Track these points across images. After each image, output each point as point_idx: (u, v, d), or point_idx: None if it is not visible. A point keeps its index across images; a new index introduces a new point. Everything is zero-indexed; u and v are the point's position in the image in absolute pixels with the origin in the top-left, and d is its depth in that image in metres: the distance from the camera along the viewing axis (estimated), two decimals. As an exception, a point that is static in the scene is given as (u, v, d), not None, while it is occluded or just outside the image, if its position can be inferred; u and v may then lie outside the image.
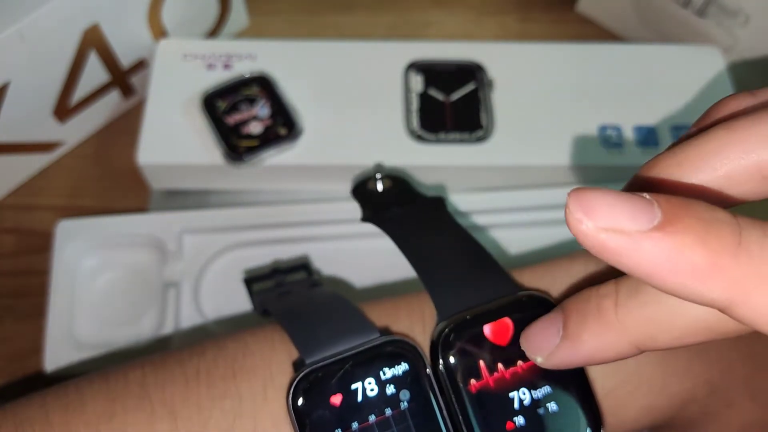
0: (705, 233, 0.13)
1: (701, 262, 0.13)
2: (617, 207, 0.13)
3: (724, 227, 0.13)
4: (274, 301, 0.27)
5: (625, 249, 0.13)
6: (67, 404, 0.22)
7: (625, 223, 0.13)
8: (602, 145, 0.35)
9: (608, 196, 0.14)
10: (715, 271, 0.13)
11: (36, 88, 0.34)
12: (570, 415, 0.21)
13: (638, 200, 0.13)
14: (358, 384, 0.21)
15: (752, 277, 0.13)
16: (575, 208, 0.14)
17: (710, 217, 0.13)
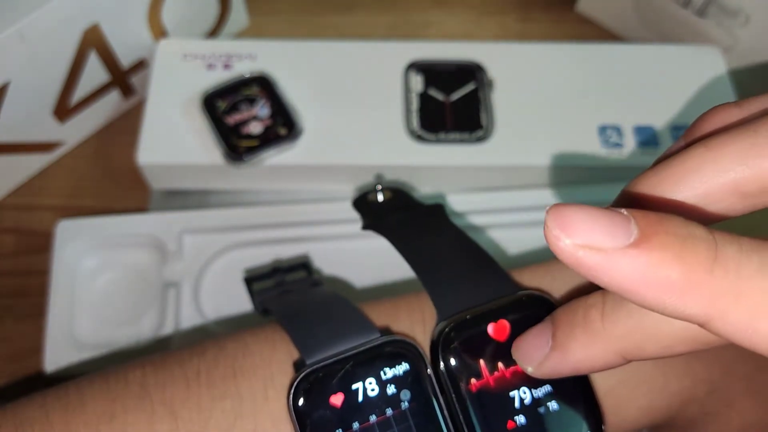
0: (681, 249, 0.13)
1: (677, 278, 0.13)
2: (594, 224, 0.14)
3: (699, 243, 0.14)
4: (275, 301, 0.27)
5: (602, 266, 0.14)
6: (67, 404, 0.22)
7: (602, 240, 0.13)
8: (602, 145, 0.35)
9: (585, 213, 0.14)
10: (691, 287, 0.13)
11: (36, 88, 0.34)
12: (571, 413, 0.21)
13: (615, 216, 0.14)
14: (358, 384, 0.21)
15: (728, 293, 0.13)
16: (553, 225, 0.14)
17: (686, 233, 0.14)
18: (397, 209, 0.29)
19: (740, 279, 0.13)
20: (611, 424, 0.22)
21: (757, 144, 0.15)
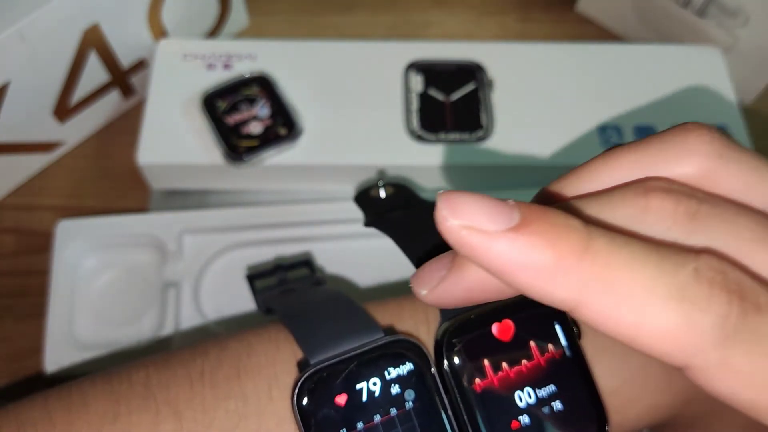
0: (555, 237, 0.14)
1: (548, 263, 0.14)
2: (479, 208, 0.15)
3: (573, 233, 0.14)
4: (278, 300, 0.27)
5: (481, 246, 0.15)
6: (70, 405, 0.22)
7: (484, 223, 0.14)
8: (602, 145, 0.35)
9: (472, 198, 0.15)
10: (561, 272, 0.14)
11: (36, 88, 0.34)
12: (575, 413, 0.21)
13: (500, 204, 0.15)
14: (362, 384, 0.21)
15: (596, 281, 0.14)
16: (442, 207, 0.15)
17: (563, 223, 0.15)
18: (399, 206, 0.29)
19: (608, 269, 0.14)
20: (615, 423, 0.22)
21: (647, 155, 0.17)
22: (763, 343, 0.14)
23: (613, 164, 0.17)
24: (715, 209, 0.16)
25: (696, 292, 0.14)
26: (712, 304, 0.14)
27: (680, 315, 0.14)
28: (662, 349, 0.15)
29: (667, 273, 0.14)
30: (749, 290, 0.15)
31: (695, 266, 0.15)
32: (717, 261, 0.15)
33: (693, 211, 0.16)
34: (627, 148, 0.17)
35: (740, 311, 0.14)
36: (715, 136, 0.17)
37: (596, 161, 0.18)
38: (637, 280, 0.14)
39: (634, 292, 0.14)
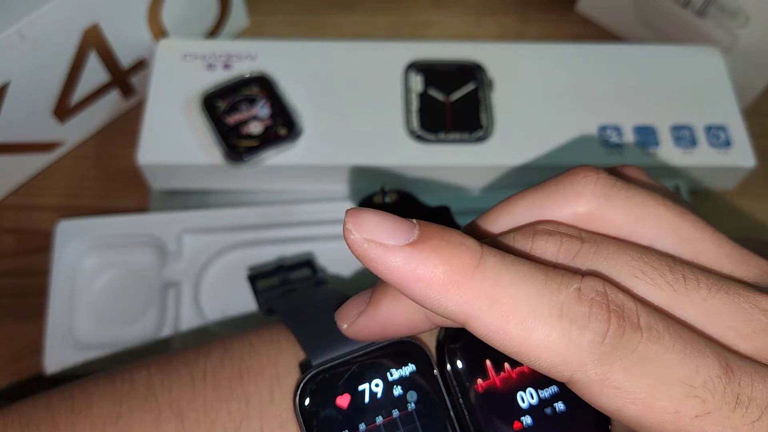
0: (449, 254, 0.16)
1: (441, 277, 0.16)
2: (381, 224, 0.16)
3: (466, 251, 0.16)
4: (279, 300, 0.27)
5: (381, 258, 0.16)
6: (73, 405, 0.22)
7: (384, 238, 0.16)
8: (602, 145, 0.35)
9: (376, 216, 0.16)
10: (452, 286, 0.16)
11: (36, 88, 0.34)
12: (577, 414, 0.21)
13: (401, 221, 0.16)
14: (365, 385, 0.21)
15: (485, 297, 0.15)
16: (348, 221, 0.16)
17: (458, 242, 0.16)
18: (402, 212, 0.30)
19: (496, 286, 0.16)
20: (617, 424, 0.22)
21: (540, 199, 0.19)
22: (641, 363, 0.15)
23: (511, 209, 0.19)
24: (595, 247, 0.17)
25: (576, 311, 0.15)
26: (591, 322, 0.15)
27: (561, 331, 0.15)
28: (546, 363, 0.16)
29: (552, 291, 0.16)
30: (629, 311, 0.16)
31: (578, 286, 0.16)
32: (600, 283, 0.16)
33: (575, 250, 0.17)
34: (523, 193, 0.20)
35: (617, 329, 0.15)
36: (601, 177, 0.19)
37: (497, 207, 0.20)
38: (523, 296, 0.16)
39: (520, 308, 0.15)
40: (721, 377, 0.15)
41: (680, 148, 0.35)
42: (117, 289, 0.33)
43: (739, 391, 0.15)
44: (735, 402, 0.15)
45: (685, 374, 0.15)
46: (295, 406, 0.21)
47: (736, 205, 0.37)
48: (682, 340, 0.16)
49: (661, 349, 0.15)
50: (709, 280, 0.17)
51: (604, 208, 0.19)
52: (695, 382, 0.15)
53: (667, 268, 0.17)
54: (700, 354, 0.16)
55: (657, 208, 0.19)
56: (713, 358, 0.16)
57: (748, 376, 0.15)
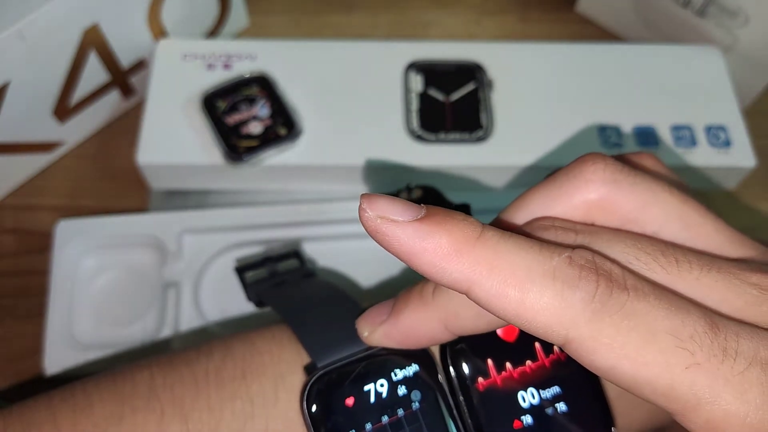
0: (452, 226, 0.17)
1: (445, 246, 0.17)
2: (393, 204, 0.17)
3: (469, 225, 0.17)
4: (273, 294, 0.27)
5: (393, 232, 0.17)
6: (75, 406, 0.22)
7: (396, 214, 0.17)
8: (602, 145, 0.35)
9: (388, 198, 0.18)
10: (455, 255, 0.17)
11: (36, 88, 0.34)
12: (580, 416, 0.21)
13: (411, 204, 0.18)
14: (370, 385, 0.21)
15: (484, 263, 0.17)
16: (363, 201, 0.18)
17: (461, 218, 0.17)
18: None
19: (496, 254, 0.17)
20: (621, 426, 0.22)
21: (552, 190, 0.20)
22: (629, 318, 0.16)
23: (527, 204, 0.20)
24: (589, 237, 0.19)
25: (567, 273, 0.17)
26: (581, 282, 0.16)
27: (554, 291, 0.16)
28: (542, 323, 0.17)
29: (545, 257, 0.17)
30: (617, 275, 0.17)
31: (569, 254, 0.17)
32: (589, 253, 0.17)
33: (570, 240, 0.18)
34: (536, 187, 0.21)
35: (606, 289, 0.16)
36: (609, 164, 0.20)
37: (513, 204, 0.21)
38: (519, 262, 0.17)
39: (517, 272, 0.17)
40: (707, 332, 0.16)
41: (680, 148, 0.35)
42: (117, 289, 0.33)
43: (726, 345, 0.16)
44: (723, 354, 0.16)
45: (671, 327, 0.16)
46: (303, 408, 0.21)
47: (736, 205, 0.37)
48: (668, 299, 0.17)
49: (648, 306, 0.16)
50: (700, 261, 0.18)
51: (614, 194, 0.19)
52: (682, 335, 0.16)
53: (660, 253, 0.18)
54: (686, 311, 0.17)
55: (663, 195, 0.20)
56: (698, 315, 0.17)
57: (733, 331, 0.16)
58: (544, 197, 0.20)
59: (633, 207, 0.19)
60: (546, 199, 0.20)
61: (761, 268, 0.18)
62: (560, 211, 0.20)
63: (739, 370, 0.16)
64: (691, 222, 0.19)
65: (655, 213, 0.19)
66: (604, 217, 0.20)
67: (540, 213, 0.20)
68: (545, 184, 0.21)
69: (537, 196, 0.20)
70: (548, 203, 0.20)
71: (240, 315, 0.32)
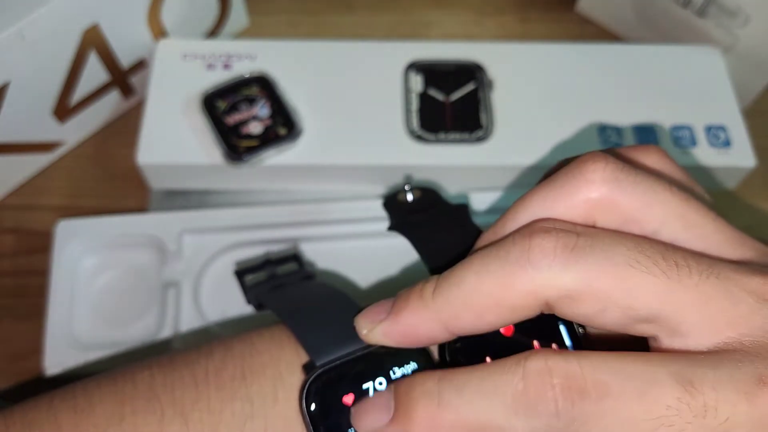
0: (414, 412, 0.18)
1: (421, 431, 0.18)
2: (369, 415, 0.19)
3: (426, 400, 0.18)
4: (272, 296, 0.27)
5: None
6: (75, 406, 0.22)
7: (375, 424, 0.19)
8: (602, 145, 0.35)
9: (363, 408, 0.20)
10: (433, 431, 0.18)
11: (36, 88, 0.34)
12: None
13: (381, 401, 0.19)
14: (369, 384, 0.21)
15: (455, 425, 0.18)
16: (352, 421, 0.20)
17: (418, 395, 0.19)
18: (422, 210, 0.30)
19: (460, 416, 0.18)
20: None
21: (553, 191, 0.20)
22: (600, 420, 0.17)
23: (528, 205, 0.21)
24: (591, 240, 0.18)
25: (524, 403, 0.17)
26: (540, 408, 0.17)
27: (523, 426, 0.17)
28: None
29: (500, 395, 0.18)
30: (573, 378, 0.17)
31: (521, 376, 0.17)
32: (541, 361, 0.17)
33: (571, 245, 0.18)
34: (537, 188, 0.21)
35: (565, 404, 0.17)
36: (609, 162, 0.20)
37: (514, 205, 0.21)
38: (481, 412, 0.18)
39: (484, 423, 0.18)
40: (681, 397, 0.16)
41: (680, 148, 0.35)
42: (117, 289, 0.33)
43: (705, 400, 0.16)
44: (704, 411, 0.16)
45: (645, 411, 0.16)
46: (301, 407, 0.21)
47: (736, 205, 0.37)
48: (632, 379, 0.17)
49: (614, 400, 0.17)
50: (700, 265, 0.18)
51: (615, 193, 0.19)
52: (657, 413, 0.16)
53: (660, 256, 0.18)
54: (655, 384, 0.17)
55: (664, 194, 0.20)
56: (670, 382, 0.17)
57: (709, 382, 0.17)
58: (545, 198, 0.20)
59: (634, 206, 0.19)
60: (547, 199, 0.20)
61: (761, 270, 0.18)
62: (561, 212, 0.20)
63: (723, 419, 0.16)
64: (692, 222, 0.20)
65: (655, 212, 0.19)
66: (605, 216, 0.20)
67: (541, 213, 0.20)
68: (546, 185, 0.20)
69: (538, 197, 0.20)
70: (549, 204, 0.20)
71: (240, 315, 0.32)
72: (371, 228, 0.33)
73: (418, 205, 0.30)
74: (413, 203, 0.30)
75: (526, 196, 0.21)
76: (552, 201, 0.20)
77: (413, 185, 0.31)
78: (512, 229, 0.21)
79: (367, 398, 0.20)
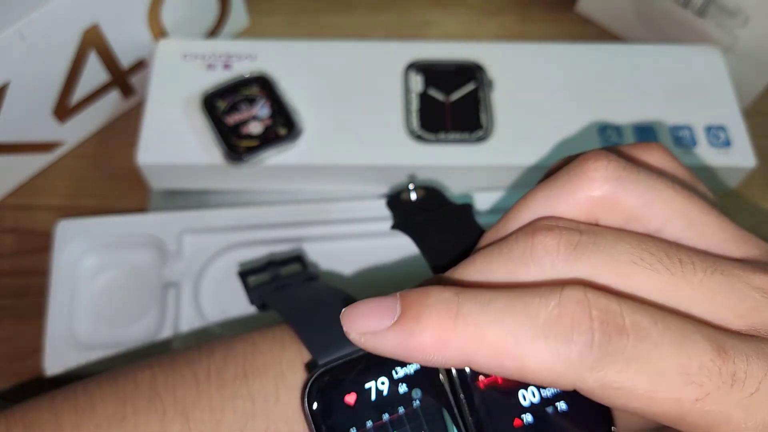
0: (427, 317, 0.17)
1: (429, 340, 0.17)
2: (368, 314, 0.18)
3: (443, 307, 0.17)
4: (274, 296, 0.27)
5: (378, 344, 0.18)
6: (77, 406, 0.22)
7: (374, 325, 0.18)
8: (602, 145, 0.35)
9: (361, 308, 0.18)
10: (441, 344, 0.17)
11: (36, 88, 0.34)
12: (580, 415, 0.21)
13: (384, 302, 0.18)
14: (371, 383, 0.21)
15: (471, 342, 0.17)
16: (343, 323, 0.18)
17: (434, 301, 0.17)
18: (425, 209, 0.30)
19: (479, 329, 0.17)
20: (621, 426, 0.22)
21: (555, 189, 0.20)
22: (634, 362, 0.16)
23: (530, 204, 0.20)
24: (594, 237, 0.18)
25: (558, 329, 0.16)
26: (575, 335, 0.16)
27: (549, 351, 0.16)
28: (546, 380, 0.17)
29: (531, 317, 0.17)
30: (613, 313, 0.16)
31: (557, 302, 0.17)
32: (581, 291, 0.17)
33: (574, 242, 0.18)
34: (539, 186, 0.21)
35: (602, 337, 0.16)
36: (611, 160, 0.19)
37: (517, 204, 0.21)
38: (505, 332, 0.17)
39: (506, 341, 0.17)
40: (714, 360, 0.16)
41: (680, 148, 0.35)
42: (117, 289, 0.33)
43: (735, 369, 0.16)
44: (732, 379, 0.16)
45: (679, 364, 0.16)
46: (303, 405, 0.21)
47: (736, 205, 0.37)
48: (671, 331, 0.16)
49: (651, 345, 0.16)
50: (704, 262, 0.18)
51: (617, 191, 0.19)
52: (690, 370, 0.16)
53: (664, 254, 0.18)
54: (691, 342, 0.16)
55: (666, 192, 0.19)
56: (705, 343, 0.16)
57: (741, 353, 0.16)
58: (547, 196, 0.20)
59: (636, 204, 0.19)
60: (549, 198, 0.20)
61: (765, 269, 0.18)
62: (564, 210, 0.20)
63: (749, 392, 0.16)
64: (695, 219, 0.19)
65: (658, 210, 0.19)
66: (608, 214, 0.20)
67: (544, 212, 0.20)
68: (548, 183, 0.20)
69: (540, 196, 0.20)
70: (551, 202, 0.20)
71: (240, 315, 0.32)
72: (371, 228, 0.33)
73: (422, 204, 0.30)
74: (417, 202, 0.30)
75: (529, 194, 0.21)
76: (554, 199, 0.20)
77: (417, 184, 0.31)
78: (515, 228, 0.20)
79: (366, 300, 0.18)
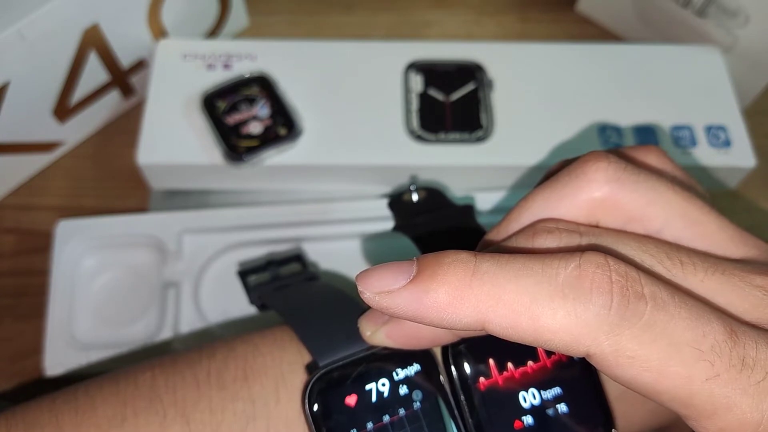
0: (443, 274, 0.17)
1: (444, 297, 0.17)
2: (384, 274, 0.17)
3: (460, 266, 0.17)
4: (275, 297, 0.27)
5: (392, 303, 0.17)
6: (77, 407, 0.22)
7: (388, 284, 0.17)
8: (602, 145, 0.35)
9: (378, 270, 0.17)
10: (457, 301, 0.17)
11: (36, 88, 0.34)
12: (581, 416, 0.21)
13: (402, 264, 0.17)
14: (372, 385, 0.21)
15: (488, 300, 0.16)
16: (358, 284, 0.17)
17: (451, 261, 0.17)
18: (427, 210, 0.30)
19: (496, 287, 0.16)
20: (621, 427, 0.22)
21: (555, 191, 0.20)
22: (650, 330, 0.16)
23: (530, 205, 0.20)
24: (594, 239, 0.18)
25: (577, 288, 0.16)
26: (593, 296, 0.16)
27: (566, 311, 0.16)
28: (560, 343, 0.16)
29: (549, 276, 0.16)
30: (633, 279, 0.16)
31: (578, 263, 0.16)
32: (602, 256, 0.17)
33: (575, 243, 0.18)
34: (540, 188, 0.20)
35: (621, 301, 0.16)
36: (612, 162, 0.20)
37: (517, 206, 0.21)
38: (522, 289, 0.16)
39: (523, 300, 0.16)
40: (726, 341, 0.16)
41: (680, 148, 0.35)
42: (117, 289, 0.33)
43: (744, 354, 0.16)
44: (741, 364, 0.16)
45: (693, 339, 0.16)
46: (304, 407, 0.21)
47: (736, 205, 0.37)
48: (687, 307, 0.16)
49: (668, 317, 0.16)
50: (705, 263, 0.18)
51: (617, 192, 0.19)
52: (703, 347, 0.16)
53: (665, 255, 0.18)
54: (706, 320, 0.16)
55: (666, 193, 0.20)
56: (718, 324, 0.16)
57: (752, 339, 0.16)
58: (548, 198, 0.20)
59: (636, 205, 0.19)
60: (549, 199, 0.20)
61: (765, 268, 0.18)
62: (564, 212, 0.20)
63: (757, 380, 0.16)
64: (694, 220, 0.19)
65: (658, 211, 0.19)
66: (608, 215, 0.20)
67: (544, 214, 0.20)
68: (548, 185, 0.20)
69: (540, 197, 0.20)
70: (552, 204, 0.20)
71: (240, 315, 0.32)
72: (371, 228, 0.33)
73: (423, 205, 0.30)
74: (418, 203, 0.30)
75: (529, 196, 0.21)
76: (555, 201, 0.20)
77: (418, 186, 0.31)
78: (515, 230, 0.20)
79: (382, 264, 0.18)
